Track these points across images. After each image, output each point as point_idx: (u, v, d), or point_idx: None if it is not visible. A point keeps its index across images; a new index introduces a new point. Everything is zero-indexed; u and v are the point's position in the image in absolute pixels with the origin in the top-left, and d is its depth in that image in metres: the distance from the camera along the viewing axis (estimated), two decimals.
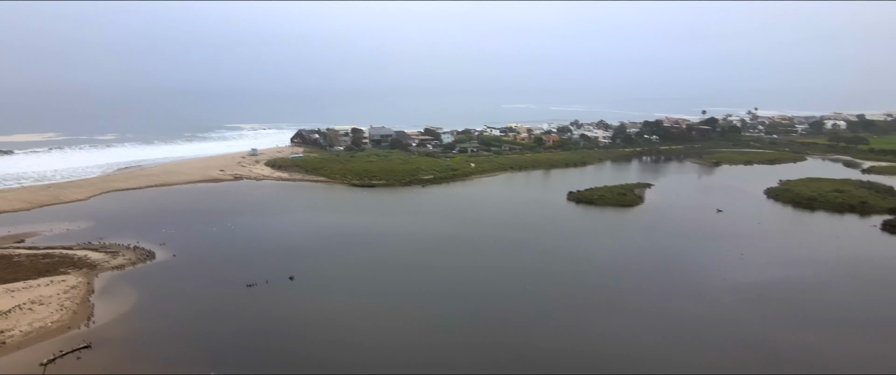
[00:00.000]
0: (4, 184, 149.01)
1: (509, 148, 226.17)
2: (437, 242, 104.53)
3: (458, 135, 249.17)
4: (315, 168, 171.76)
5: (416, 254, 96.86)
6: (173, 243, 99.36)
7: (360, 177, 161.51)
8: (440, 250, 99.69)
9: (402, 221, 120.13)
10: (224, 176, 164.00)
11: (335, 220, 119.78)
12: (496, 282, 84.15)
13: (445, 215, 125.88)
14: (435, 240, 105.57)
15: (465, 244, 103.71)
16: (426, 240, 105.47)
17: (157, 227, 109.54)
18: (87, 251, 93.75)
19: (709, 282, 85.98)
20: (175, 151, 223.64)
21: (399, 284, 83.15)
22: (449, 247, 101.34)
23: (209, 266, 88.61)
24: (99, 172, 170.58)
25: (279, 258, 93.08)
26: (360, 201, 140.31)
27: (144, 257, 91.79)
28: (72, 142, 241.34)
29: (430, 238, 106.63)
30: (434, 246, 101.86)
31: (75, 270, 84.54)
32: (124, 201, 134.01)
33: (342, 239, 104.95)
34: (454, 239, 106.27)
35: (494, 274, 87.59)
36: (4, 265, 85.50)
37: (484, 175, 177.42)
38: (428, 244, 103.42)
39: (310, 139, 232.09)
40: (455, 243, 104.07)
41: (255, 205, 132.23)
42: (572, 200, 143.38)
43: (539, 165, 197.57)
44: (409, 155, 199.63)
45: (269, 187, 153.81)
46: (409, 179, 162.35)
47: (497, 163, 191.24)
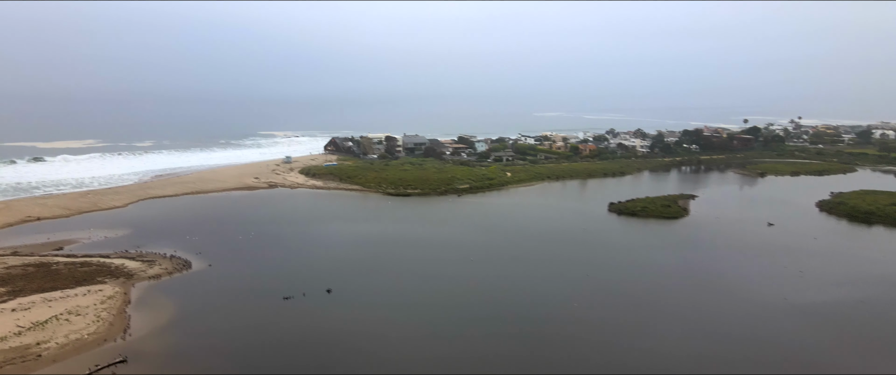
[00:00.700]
0: (44, 190, 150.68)
1: (545, 157, 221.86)
2: (477, 254, 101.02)
3: (492, 143, 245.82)
4: (349, 177, 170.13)
5: (456, 267, 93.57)
6: (209, 252, 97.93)
7: (394, 186, 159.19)
8: (481, 262, 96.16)
9: (439, 231, 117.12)
10: (259, 184, 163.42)
11: (371, 230, 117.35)
12: (540, 299, 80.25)
13: (483, 226, 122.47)
14: (475, 252, 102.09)
15: (505, 256, 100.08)
16: (466, 252, 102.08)
17: (193, 235, 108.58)
18: (125, 259, 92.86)
19: (769, 302, 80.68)
20: (210, 158, 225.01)
21: (440, 298, 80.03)
22: (490, 260, 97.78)
23: (245, 277, 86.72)
24: (136, 179, 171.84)
25: (316, 269, 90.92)
26: (396, 211, 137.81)
27: (181, 266, 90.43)
28: (110, 148, 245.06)
29: (470, 250, 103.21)
30: (474, 259, 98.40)
31: (112, 279, 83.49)
32: (161, 208, 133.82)
33: (379, 250, 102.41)
34: (494, 251, 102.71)
35: (537, 290, 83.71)
36: (43, 273, 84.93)
37: (520, 185, 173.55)
38: (468, 256, 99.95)
39: (343, 147, 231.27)
40: (495, 255, 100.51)
41: (290, 214, 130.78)
42: (614, 211, 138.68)
43: (576, 174, 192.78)
44: (444, 164, 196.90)
45: (304, 196, 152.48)
46: (444, 188, 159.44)
47: (533, 172, 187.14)
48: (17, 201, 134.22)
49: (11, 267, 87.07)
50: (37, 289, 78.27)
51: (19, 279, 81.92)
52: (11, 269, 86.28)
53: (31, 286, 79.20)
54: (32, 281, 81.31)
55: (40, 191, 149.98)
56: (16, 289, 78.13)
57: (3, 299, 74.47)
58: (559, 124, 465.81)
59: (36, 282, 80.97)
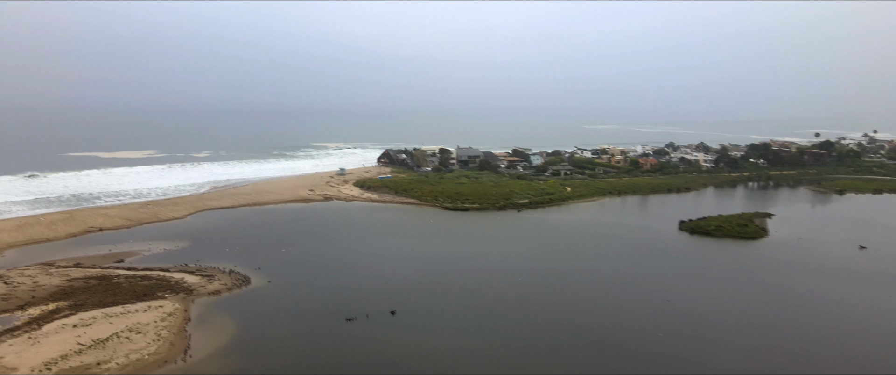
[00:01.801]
0: (105, 200, 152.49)
1: (604, 171, 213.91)
2: (544, 275, 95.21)
3: (548, 156, 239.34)
4: (405, 190, 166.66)
5: (526, 289, 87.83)
6: (268, 267, 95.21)
7: (451, 200, 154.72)
8: (550, 285, 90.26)
9: (502, 249, 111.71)
10: (314, 196, 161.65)
11: (432, 246, 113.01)
12: (620, 327, 73.84)
13: (547, 244, 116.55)
14: (542, 273, 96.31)
15: (577, 278, 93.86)
16: (532, 272, 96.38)
17: (251, 249, 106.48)
18: (184, 273, 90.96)
19: (878, 339, 72.14)
20: (264, 169, 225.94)
21: (511, 323, 74.56)
22: (561, 282, 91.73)
23: (305, 295, 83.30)
24: (194, 189, 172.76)
25: (377, 288, 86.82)
26: (455, 226, 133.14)
27: (240, 282, 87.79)
28: (169, 159, 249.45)
29: (537, 270, 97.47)
30: (542, 280, 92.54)
31: (172, 294, 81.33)
32: (219, 220, 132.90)
33: (442, 268, 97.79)
34: (565, 273, 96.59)
35: (612, 316, 77.26)
36: (104, 286, 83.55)
37: (581, 200, 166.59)
38: (535, 276, 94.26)
39: (397, 159, 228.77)
40: (567, 277, 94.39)
41: (347, 228, 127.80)
42: (685, 229, 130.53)
43: (639, 189, 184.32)
44: (500, 177, 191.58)
45: (360, 209, 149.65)
46: (502, 203, 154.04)
47: (594, 187, 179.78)
48: (80, 212, 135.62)
49: (74, 280, 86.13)
50: (98, 304, 76.65)
51: (81, 293, 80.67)
52: (74, 281, 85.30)
53: (92, 300, 77.68)
54: (94, 295, 79.89)
55: (102, 201, 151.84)
56: (78, 303, 76.71)
57: (65, 313, 72.99)
58: (611, 137, 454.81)
59: (97, 296, 79.49)
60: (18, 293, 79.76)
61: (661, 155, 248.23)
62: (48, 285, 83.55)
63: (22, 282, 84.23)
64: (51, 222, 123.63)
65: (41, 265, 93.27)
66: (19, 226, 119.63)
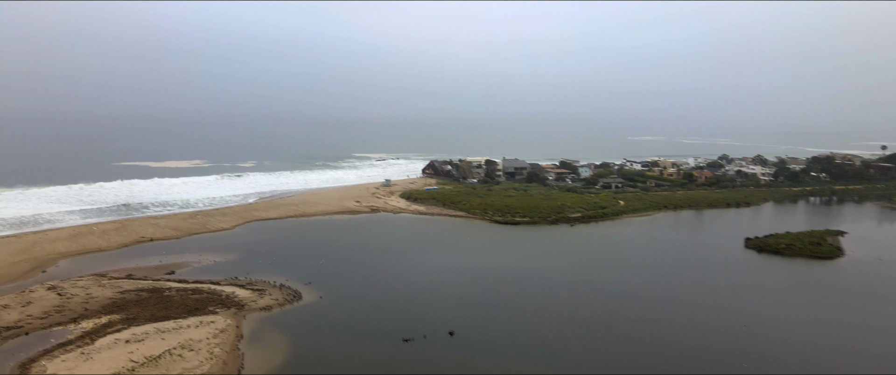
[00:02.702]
0: (154, 210, 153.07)
1: (656, 184, 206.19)
2: (608, 293, 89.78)
3: (596, 169, 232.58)
4: (453, 202, 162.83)
5: (589, 309, 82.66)
6: (319, 282, 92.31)
7: (501, 213, 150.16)
8: (616, 305, 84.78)
9: (559, 265, 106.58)
10: (361, 208, 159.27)
11: (485, 261, 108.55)
12: (692, 352, 68.09)
13: (606, 260, 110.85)
14: (605, 291, 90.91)
15: (640, 297, 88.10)
16: (595, 291, 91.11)
17: (301, 262, 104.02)
18: (235, 287, 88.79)
19: None
20: (309, 179, 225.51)
21: (578, 346, 69.67)
22: (624, 302, 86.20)
23: (359, 313, 79.88)
24: (241, 199, 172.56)
25: (433, 306, 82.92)
26: (507, 241, 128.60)
27: (291, 297, 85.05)
28: (215, 169, 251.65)
29: (599, 289, 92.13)
30: (607, 299, 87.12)
31: (223, 309, 79.00)
32: (266, 231, 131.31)
33: (498, 285, 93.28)
34: (627, 292, 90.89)
35: (687, 341, 71.46)
36: (156, 299, 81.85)
37: (635, 214, 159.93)
38: (598, 295, 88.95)
39: (442, 170, 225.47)
40: (629, 296, 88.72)
41: (396, 241, 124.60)
42: (752, 247, 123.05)
43: (695, 204, 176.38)
44: (550, 190, 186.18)
45: (408, 222, 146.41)
46: (554, 216, 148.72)
47: (648, 201, 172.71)
48: (131, 222, 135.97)
49: (126, 292, 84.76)
50: (150, 318, 74.76)
51: (133, 306, 79.05)
52: (126, 294, 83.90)
53: (144, 314, 75.89)
54: (146, 308, 78.14)
55: (151, 211, 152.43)
56: (130, 317, 74.96)
57: (117, 328, 71.19)
58: (657, 148, 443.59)
59: (149, 310, 77.70)
60: (72, 306, 78.61)
61: (715, 168, 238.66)
62: (101, 297, 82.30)
63: (75, 294, 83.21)
64: (103, 232, 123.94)
65: (94, 276, 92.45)
66: (73, 235, 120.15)
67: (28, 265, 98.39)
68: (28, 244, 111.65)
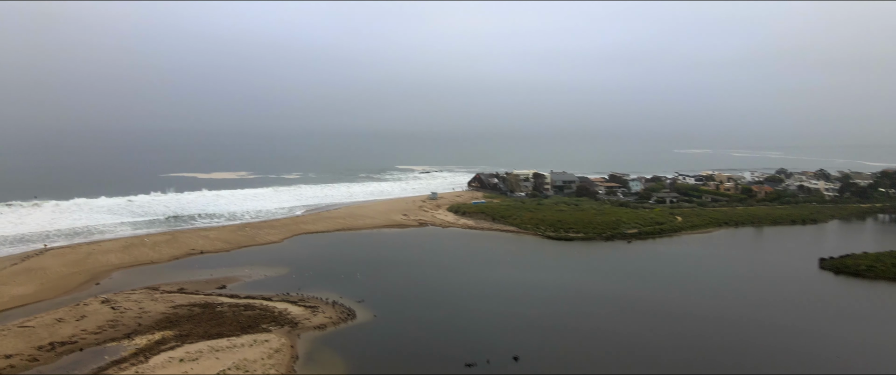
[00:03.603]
0: (201, 222, 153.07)
1: (712, 199, 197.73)
2: (677, 317, 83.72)
3: (647, 182, 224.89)
4: (502, 216, 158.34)
5: (659, 334, 76.86)
6: (372, 299, 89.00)
7: (554, 228, 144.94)
8: (688, 329, 78.79)
9: (621, 285, 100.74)
10: (409, 222, 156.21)
11: (545, 279, 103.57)
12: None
13: (671, 280, 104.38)
14: (674, 314, 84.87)
15: (712, 321, 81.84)
16: (662, 313, 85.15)
17: (352, 278, 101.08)
18: (287, 303, 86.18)
19: None
20: (353, 191, 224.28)
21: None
22: (696, 326, 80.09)
23: (417, 334, 76.07)
24: (287, 212, 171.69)
25: (494, 327, 78.48)
26: (563, 257, 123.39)
27: (345, 316, 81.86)
28: (261, 181, 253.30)
29: (666, 311, 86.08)
30: (678, 323, 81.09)
31: (277, 327, 76.25)
32: (315, 244, 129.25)
33: (560, 305, 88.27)
34: (698, 316, 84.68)
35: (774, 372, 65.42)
36: (209, 315, 79.71)
37: (694, 230, 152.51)
38: (666, 318, 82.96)
39: (488, 184, 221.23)
40: (702, 320, 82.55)
41: (448, 257, 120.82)
42: (827, 268, 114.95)
43: (757, 220, 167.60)
44: (602, 204, 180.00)
45: (458, 236, 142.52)
46: (609, 232, 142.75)
47: (706, 217, 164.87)
48: (181, 233, 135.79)
49: (178, 307, 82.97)
50: (203, 335, 72.44)
51: (186, 322, 77.01)
52: (178, 309, 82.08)
53: (197, 331, 73.65)
54: (199, 324, 75.97)
55: (199, 222, 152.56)
56: (183, 333, 72.80)
57: (171, 345, 68.97)
58: (706, 162, 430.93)
59: (202, 326, 75.48)
60: (125, 320, 77.04)
61: (774, 183, 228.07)
62: (153, 311, 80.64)
63: (128, 308, 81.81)
64: (154, 244, 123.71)
65: (146, 289, 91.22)
66: (125, 247, 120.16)
67: (82, 277, 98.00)
68: (82, 256, 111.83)
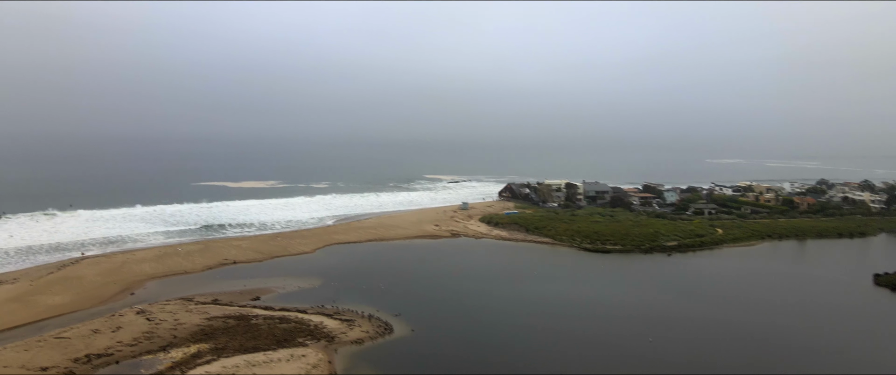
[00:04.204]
0: (232, 231, 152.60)
1: (752, 211, 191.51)
2: (733, 338, 79.51)
3: (683, 193, 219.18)
4: (536, 227, 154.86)
5: (713, 352, 72.95)
6: (409, 313, 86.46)
7: (590, 240, 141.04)
8: (745, 348, 74.66)
9: (665, 299, 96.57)
10: (441, 232, 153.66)
11: (587, 294, 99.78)
12: None
13: (718, 295, 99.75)
14: (729, 336, 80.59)
15: (771, 343, 77.51)
16: (717, 334, 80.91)
17: (386, 290, 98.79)
18: (322, 316, 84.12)
19: None
20: (382, 201, 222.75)
21: None
22: (755, 347, 75.85)
23: (457, 349, 73.25)
24: (317, 222, 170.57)
25: (537, 344, 75.31)
26: (601, 271, 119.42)
27: (382, 330, 79.46)
28: (291, 190, 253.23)
29: (723, 332, 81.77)
30: (737, 347, 76.86)
31: (313, 341, 74.17)
32: (347, 255, 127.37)
33: (605, 322, 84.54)
34: (757, 337, 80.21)
35: None
36: (244, 327, 77.98)
37: (736, 244, 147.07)
38: (722, 340, 78.83)
39: (520, 194, 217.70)
40: (761, 343, 78.14)
41: (483, 268, 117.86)
42: (883, 285, 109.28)
43: (801, 233, 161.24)
44: (638, 216, 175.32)
45: (492, 248, 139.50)
46: (648, 244, 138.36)
47: (748, 229, 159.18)
48: (214, 243, 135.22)
49: (213, 318, 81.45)
50: (239, 348, 70.67)
51: (221, 334, 75.35)
52: (213, 320, 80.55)
53: (233, 344, 71.90)
54: (234, 337, 74.25)
55: (230, 232, 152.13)
56: (219, 347, 71.12)
57: (207, 359, 67.28)
58: (740, 172, 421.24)
59: (237, 339, 73.75)
60: (161, 332, 75.71)
61: (817, 194, 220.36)
62: (188, 323, 79.22)
63: (163, 319, 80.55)
64: (187, 253, 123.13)
65: (181, 300, 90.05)
66: (159, 256, 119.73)
67: (117, 287, 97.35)
68: (117, 265, 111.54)
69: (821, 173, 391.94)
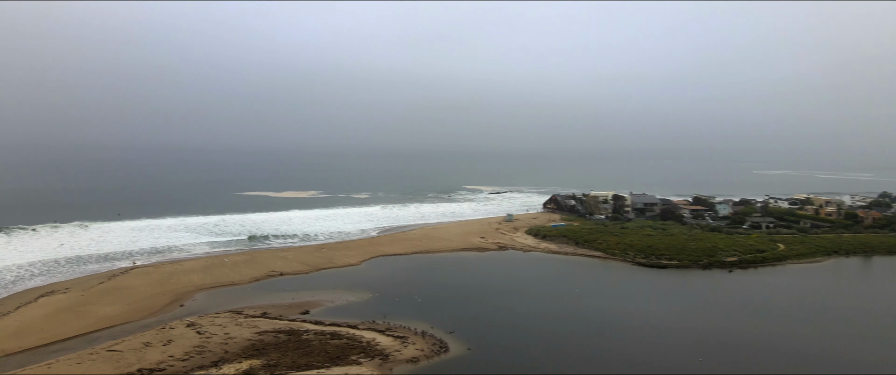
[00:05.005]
0: (275, 242, 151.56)
1: (812, 225, 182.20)
2: (820, 365, 73.60)
3: (736, 205, 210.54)
4: (586, 240, 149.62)
5: None
6: (463, 329, 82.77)
7: (644, 254, 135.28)
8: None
9: (736, 321, 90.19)
10: (487, 245, 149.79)
11: (649, 313, 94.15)
12: None
13: (796, 318, 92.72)
14: (817, 362, 74.71)
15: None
16: (801, 359, 75.06)
17: (436, 305, 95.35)
18: (375, 332, 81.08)
19: None
20: (424, 212, 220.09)
21: None
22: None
23: (517, 371, 69.13)
24: (360, 233, 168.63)
25: (601, 367, 70.65)
26: (662, 287, 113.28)
27: (437, 348, 75.90)
28: (332, 201, 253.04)
29: (806, 358, 75.94)
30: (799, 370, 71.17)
31: (367, 359, 71.06)
32: (393, 268, 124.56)
33: (676, 346, 79.01)
34: (850, 363, 74.27)
35: None
36: (295, 343, 75.42)
37: (801, 260, 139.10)
38: (809, 367, 73.02)
39: (566, 205, 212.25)
40: (854, 368, 72.20)
41: (536, 283, 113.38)
42: None
43: (870, 249, 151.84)
44: (691, 229, 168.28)
45: (542, 261, 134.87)
46: (706, 260, 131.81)
47: (812, 244, 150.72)
48: (259, 254, 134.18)
49: (264, 333, 79.23)
50: (291, 365, 68.03)
51: (273, 350, 72.91)
52: (264, 335, 78.31)
53: (285, 361, 69.31)
54: (285, 353, 71.70)
55: (274, 242, 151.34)
56: (271, 363, 68.60)
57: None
58: (789, 183, 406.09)
59: (289, 355, 71.17)
60: (211, 346, 73.70)
61: (882, 208, 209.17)
62: (239, 338, 77.10)
63: (214, 333, 78.68)
64: (234, 264, 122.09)
65: (230, 313, 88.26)
66: (206, 267, 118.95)
67: (166, 298, 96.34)
68: (165, 275, 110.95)
69: (878, 185, 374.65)
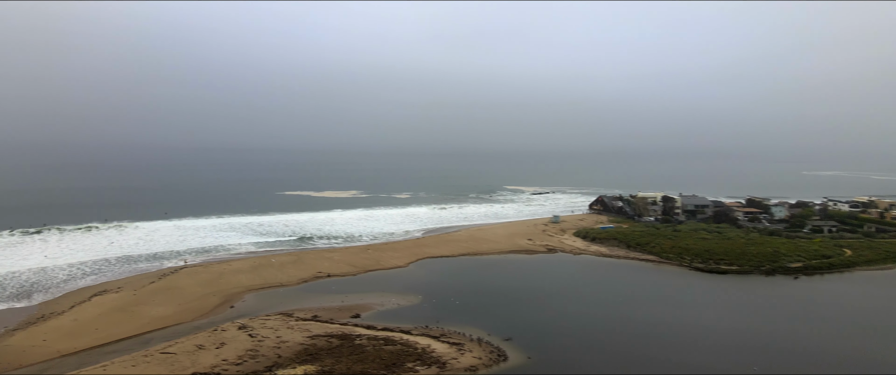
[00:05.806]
0: (319, 242, 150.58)
1: (877, 229, 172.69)
2: None
3: (793, 208, 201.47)
4: (638, 243, 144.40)
5: None
6: (520, 336, 79.41)
7: (701, 259, 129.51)
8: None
9: (817, 334, 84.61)
10: (535, 247, 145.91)
11: (716, 322, 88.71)
12: None
13: (866, 329, 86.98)
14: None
15: None
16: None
17: (489, 309, 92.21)
18: (429, 338, 78.37)
19: None
20: (467, 213, 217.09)
21: None
22: None
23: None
24: (404, 234, 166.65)
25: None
26: (725, 295, 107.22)
27: (495, 356, 72.76)
28: (373, 200, 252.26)
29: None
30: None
31: (423, 366, 68.40)
32: (441, 270, 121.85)
33: (753, 362, 74.35)
34: None
35: None
36: (348, 349, 73.23)
37: (871, 266, 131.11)
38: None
39: (613, 207, 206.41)
40: None
41: (590, 287, 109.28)
42: None
43: None
44: (748, 233, 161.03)
45: (593, 265, 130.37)
46: (769, 265, 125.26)
47: (881, 250, 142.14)
48: (306, 254, 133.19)
49: (316, 337, 77.35)
50: (346, 372, 65.80)
51: (326, 355, 70.88)
52: (316, 339, 76.42)
53: (339, 367, 67.11)
54: (340, 359, 69.53)
55: (316, 243, 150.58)
56: (325, 369, 66.53)
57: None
58: (841, 185, 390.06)
59: (343, 361, 68.96)
60: (264, 350, 72.09)
61: None
62: (291, 342, 75.37)
63: (266, 336, 77.14)
64: (281, 265, 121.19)
65: (281, 316, 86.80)
66: (254, 267, 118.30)
67: (217, 299, 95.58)
68: (214, 275, 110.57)
69: None
